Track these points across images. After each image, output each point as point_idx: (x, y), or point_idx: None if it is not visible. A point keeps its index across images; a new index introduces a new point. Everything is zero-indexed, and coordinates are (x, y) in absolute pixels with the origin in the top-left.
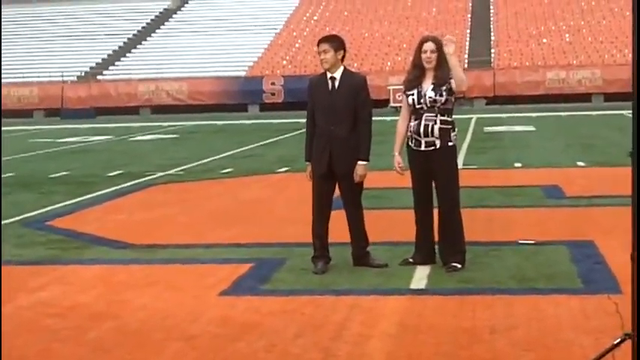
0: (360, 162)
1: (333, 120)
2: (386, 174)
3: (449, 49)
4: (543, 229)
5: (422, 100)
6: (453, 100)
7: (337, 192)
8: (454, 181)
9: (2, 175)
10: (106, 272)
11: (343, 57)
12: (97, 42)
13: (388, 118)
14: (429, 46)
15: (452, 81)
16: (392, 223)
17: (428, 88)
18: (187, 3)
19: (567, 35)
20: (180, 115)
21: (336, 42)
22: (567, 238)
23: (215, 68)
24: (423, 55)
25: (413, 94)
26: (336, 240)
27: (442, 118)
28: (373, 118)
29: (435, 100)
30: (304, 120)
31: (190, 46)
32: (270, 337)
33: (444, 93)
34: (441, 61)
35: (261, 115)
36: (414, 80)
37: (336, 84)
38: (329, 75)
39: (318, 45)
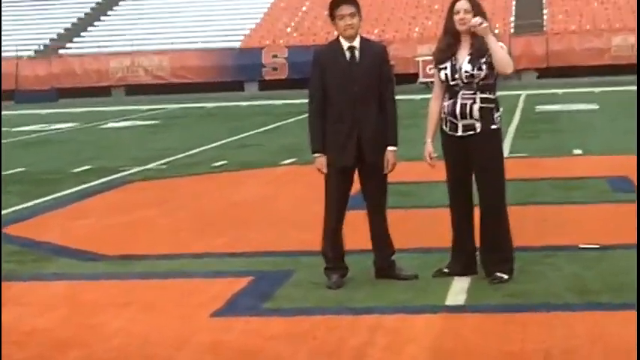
0: (389, 147)
1: (358, 99)
2: (414, 165)
3: (483, 31)
4: (609, 231)
5: (457, 75)
6: (496, 73)
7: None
8: (499, 173)
9: None
10: (72, 290)
11: None
12: (58, 8)
13: (417, 97)
14: (463, 4)
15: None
16: (422, 224)
17: (464, 59)
18: None
19: None
20: (161, 97)
21: (357, 3)
22: None
23: (203, 38)
24: (456, 17)
25: (445, 68)
26: (353, 247)
27: (483, 95)
28: (399, 97)
29: (472, 75)
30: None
31: (172, 11)
32: None
33: (484, 65)
34: None
35: (261, 95)
36: (446, 50)
37: (356, 55)
38: (346, 44)
39: (336, 6)
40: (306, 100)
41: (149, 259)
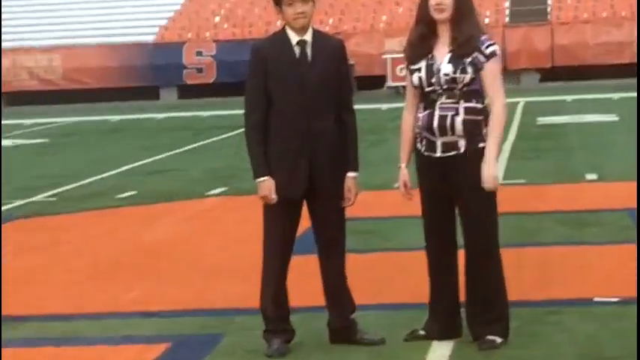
0: (350, 173)
1: (310, 109)
2: (380, 195)
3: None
4: (632, 279)
5: (434, 79)
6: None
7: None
8: (489, 205)
9: None
10: None
11: None
12: None
13: (384, 106)
14: None
15: (489, 47)
16: (391, 273)
17: (443, 58)
18: None
19: None
20: (50, 108)
21: None
22: None
23: (105, 30)
24: (431, 1)
25: (419, 69)
26: (301, 303)
27: (467, 104)
28: (361, 107)
29: (454, 79)
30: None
31: None
32: None
33: (469, 67)
34: (462, 12)
35: (181, 104)
36: (419, 45)
37: (308, 51)
38: (295, 37)
39: None
40: (242, 111)
41: (36, 320)
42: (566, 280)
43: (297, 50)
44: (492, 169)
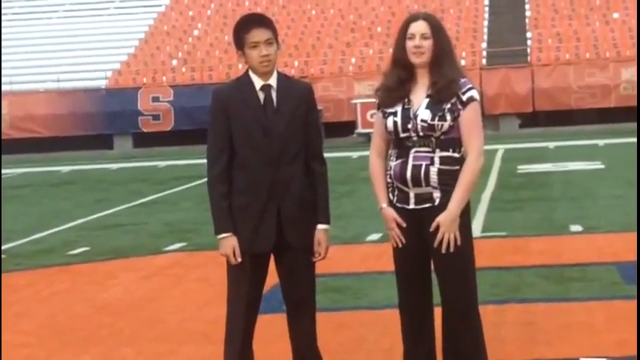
0: (320, 226)
1: (275, 158)
2: (351, 249)
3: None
4: (621, 337)
5: (410, 125)
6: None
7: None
8: (467, 261)
9: None
10: None
11: None
12: None
13: (354, 154)
14: (420, 27)
15: (467, 92)
16: (364, 333)
17: (420, 103)
18: None
19: None
20: None
21: (274, 27)
22: None
23: (55, 75)
24: (410, 44)
25: (395, 114)
26: None
27: (444, 154)
28: (329, 155)
29: (431, 126)
30: (205, 161)
31: (11, 37)
32: None
33: (448, 114)
34: (442, 55)
35: (136, 153)
36: (396, 89)
37: (274, 97)
38: (259, 82)
39: (246, 30)
40: (203, 161)
41: None
42: (551, 339)
43: (261, 96)
44: (450, 223)
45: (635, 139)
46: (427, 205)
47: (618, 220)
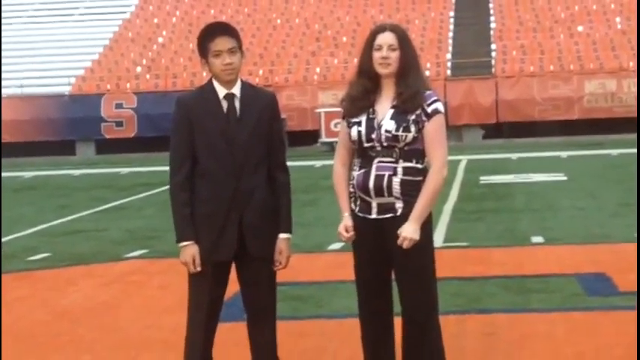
0: (282, 235)
1: (239, 168)
2: (313, 258)
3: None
4: (582, 349)
5: (374, 135)
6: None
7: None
8: (428, 271)
9: None
10: None
11: None
12: None
13: (317, 163)
14: (387, 38)
15: (432, 104)
16: (324, 342)
17: (385, 114)
18: None
19: (619, 19)
20: None
21: (239, 36)
22: None
23: (17, 81)
24: (376, 55)
25: (359, 123)
26: None
27: (407, 164)
28: (293, 164)
29: (395, 137)
30: (168, 168)
31: None
32: None
33: (413, 125)
34: (408, 66)
35: (99, 160)
36: (361, 99)
37: (237, 105)
38: (223, 91)
39: (210, 39)
40: (166, 168)
41: None
42: (511, 350)
43: (224, 104)
44: (410, 229)
45: (598, 152)
46: (389, 215)
47: (580, 231)
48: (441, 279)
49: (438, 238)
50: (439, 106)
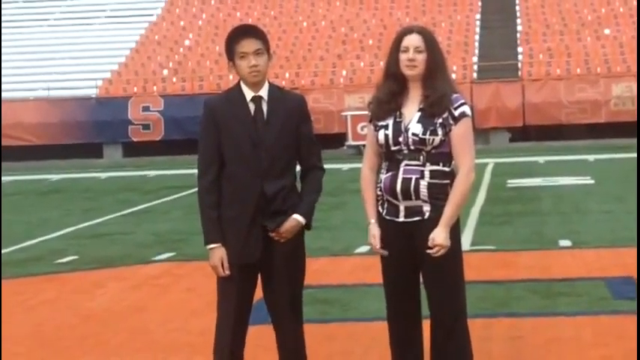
0: (294, 215)
1: (264, 171)
2: (340, 261)
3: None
4: (609, 353)
5: (401, 138)
6: None
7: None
8: (456, 274)
9: None
10: None
11: None
12: None
13: (344, 166)
14: (413, 41)
15: (459, 107)
16: (351, 345)
17: (412, 117)
18: None
19: None
20: None
21: (266, 38)
22: None
23: (45, 84)
24: (403, 57)
25: (386, 127)
26: None
27: (434, 167)
28: None
29: (423, 140)
30: (196, 171)
31: (2, 46)
32: None
33: (440, 129)
34: (435, 69)
35: (126, 162)
36: (388, 102)
37: (264, 108)
38: (250, 93)
39: (236, 41)
40: (193, 171)
41: None
42: (539, 354)
43: (251, 107)
44: (442, 236)
45: (625, 155)
46: (417, 219)
47: (607, 235)
48: (468, 282)
49: (465, 242)
50: (466, 109)
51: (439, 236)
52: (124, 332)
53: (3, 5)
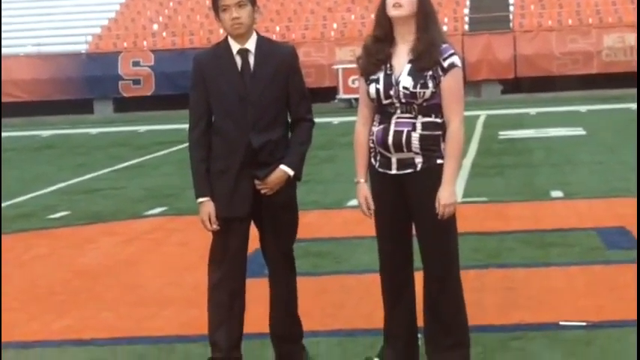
0: (281, 167)
1: (250, 123)
2: (332, 214)
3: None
4: (601, 302)
5: (392, 92)
6: None
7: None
8: (448, 225)
9: None
10: None
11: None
12: None
13: (335, 119)
14: None
15: (448, 58)
16: (344, 297)
17: (402, 69)
18: None
19: None
20: None
21: None
22: None
23: (35, 40)
24: (389, 2)
25: (377, 80)
26: (249, 330)
27: (425, 119)
28: None
29: (413, 94)
30: (187, 126)
31: None
32: None
33: (430, 81)
34: (423, 15)
35: (117, 118)
36: (376, 54)
37: (251, 61)
38: (236, 47)
39: None
40: (184, 126)
41: None
42: (531, 304)
43: (238, 61)
44: (448, 196)
45: (616, 106)
46: (409, 171)
47: (599, 186)
48: (461, 234)
49: (458, 194)
50: (455, 59)
51: (444, 196)
52: (117, 287)
53: None
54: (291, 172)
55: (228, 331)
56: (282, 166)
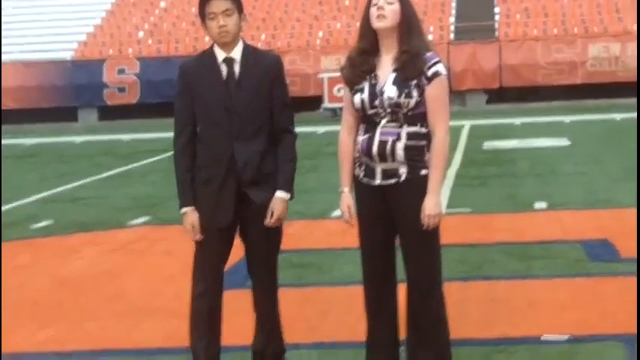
0: (278, 193)
1: (235, 133)
2: (317, 225)
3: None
4: (584, 315)
5: (377, 102)
6: None
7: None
8: (432, 237)
9: None
10: None
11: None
12: None
13: (321, 129)
14: None
15: (432, 67)
16: (327, 309)
17: (387, 79)
18: None
19: None
20: None
21: None
22: (625, 331)
23: (20, 47)
24: (373, 10)
25: (362, 90)
26: (232, 342)
27: (410, 129)
28: (296, 129)
29: (398, 104)
30: (172, 134)
31: None
32: None
33: (415, 90)
34: (407, 25)
35: (102, 126)
36: (361, 64)
37: (236, 70)
38: (221, 55)
39: (206, 2)
40: (169, 134)
41: None
42: (514, 317)
43: (223, 69)
44: (433, 207)
45: (601, 116)
46: (393, 181)
47: (583, 197)
48: (444, 245)
49: (442, 204)
50: (440, 68)
51: (429, 207)
52: (100, 297)
53: None
54: (287, 197)
55: (207, 341)
56: (279, 193)
